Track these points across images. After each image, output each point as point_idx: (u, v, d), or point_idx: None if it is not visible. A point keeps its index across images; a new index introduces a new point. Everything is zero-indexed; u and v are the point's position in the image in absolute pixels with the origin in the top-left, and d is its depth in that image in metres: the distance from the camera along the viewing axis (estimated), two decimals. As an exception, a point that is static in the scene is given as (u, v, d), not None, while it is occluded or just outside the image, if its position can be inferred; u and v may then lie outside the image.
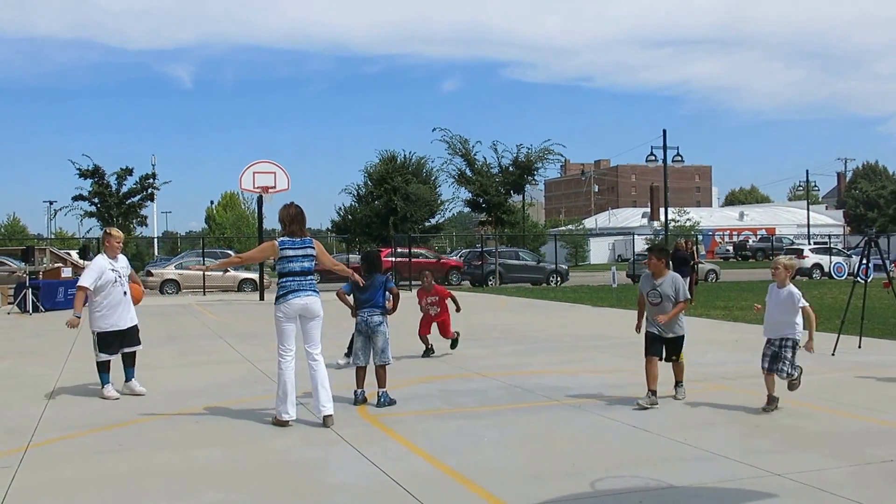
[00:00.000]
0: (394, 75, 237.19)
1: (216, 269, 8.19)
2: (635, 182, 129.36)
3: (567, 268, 38.77)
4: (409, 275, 30.70)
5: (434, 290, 11.15)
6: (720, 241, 72.13)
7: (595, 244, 75.09)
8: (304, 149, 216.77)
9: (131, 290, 8.84)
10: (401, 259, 32.30)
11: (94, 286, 8.33)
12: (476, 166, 34.48)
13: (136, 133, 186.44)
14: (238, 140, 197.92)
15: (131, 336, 8.74)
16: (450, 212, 46.66)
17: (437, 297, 11.14)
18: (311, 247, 7.19)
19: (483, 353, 11.59)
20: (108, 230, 8.75)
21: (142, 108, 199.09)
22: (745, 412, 7.20)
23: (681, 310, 7.59)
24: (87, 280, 8.28)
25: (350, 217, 45.95)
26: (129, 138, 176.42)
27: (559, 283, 34.48)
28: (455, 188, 35.82)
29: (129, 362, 8.72)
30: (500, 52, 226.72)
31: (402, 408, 7.69)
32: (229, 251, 49.10)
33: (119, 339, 8.59)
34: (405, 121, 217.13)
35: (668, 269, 7.71)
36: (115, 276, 8.49)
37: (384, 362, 7.92)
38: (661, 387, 7.56)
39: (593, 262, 70.45)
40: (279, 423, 6.95)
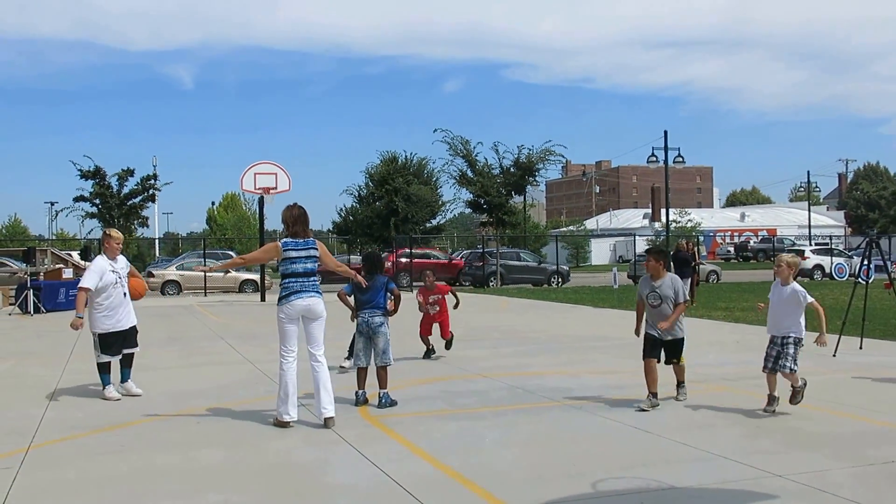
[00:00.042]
0: (395, 76, 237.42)
1: (220, 270, 8.19)
2: (636, 183, 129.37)
3: (568, 269, 38.77)
4: (411, 277, 30.71)
5: (436, 288, 11.16)
6: (721, 242, 72.16)
7: (596, 245, 75.11)
8: (306, 150, 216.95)
9: (133, 284, 8.88)
10: (416, 260, 32.27)
11: (96, 287, 8.35)
12: (477, 167, 34.50)
13: (138, 134, 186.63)
14: (239, 141, 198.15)
15: (131, 337, 8.76)
16: (451, 213, 46.85)
17: (439, 296, 11.13)
18: (314, 248, 7.18)
19: (484, 355, 11.59)
20: (108, 231, 8.76)
21: (143, 110, 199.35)
22: (746, 413, 7.19)
23: (681, 312, 7.58)
24: (89, 281, 8.29)
25: (351, 218, 46.05)
26: (131, 139, 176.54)
27: (560, 284, 34.49)
28: (456, 189, 35.94)
29: (126, 363, 8.74)
30: (501, 53, 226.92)
31: (404, 409, 7.69)
32: (231, 252, 49.12)
33: (120, 340, 8.60)
34: (406, 122, 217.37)
35: (666, 270, 7.69)
36: (115, 277, 8.50)
37: (385, 363, 7.92)
38: (662, 388, 7.56)
39: (594, 263, 70.45)
40: (280, 424, 6.95)
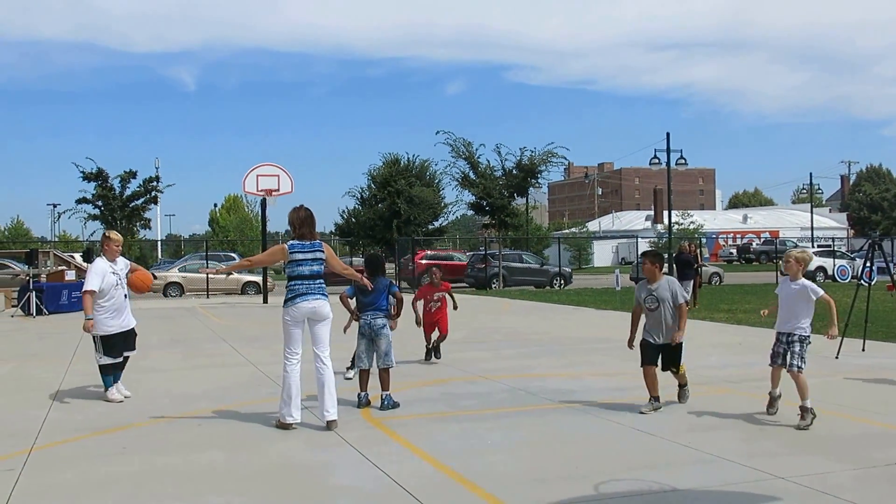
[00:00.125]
0: (397, 78, 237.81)
1: (227, 273, 8.18)
2: (639, 185, 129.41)
3: (570, 271, 38.74)
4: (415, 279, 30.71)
5: (442, 286, 11.11)
6: (724, 244, 72.04)
7: (598, 247, 75.06)
8: (308, 152, 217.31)
9: (139, 277, 8.95)
10: (434, 262, 32.34)
11: (98, 289, 8.36)
12: (479, 169, 34.49)
13: (140, 136, 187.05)
14: (242, 143, 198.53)
15: (131, 339, 8.76)
16: (453, 215, 46.75)
17: (443, 294, 11.09)
18: (320, 250, 7.15)
19: (486, 356, 11.58)
20: (108, 233, 8.77)
21: (145, 111, 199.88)
22: (748, 415, 7.18)
23: (685, 313, 7.53)
24: (92, 284, 8.30)
25: (353, 220, 46.03)
26: (133, 141, 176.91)
27: (563, 286, 34.46)
28: (458, 191, 35.94)
29: (121, 366, 8.72)
30: (503, 55, 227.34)
31: (406, 411, 7.69)
32: (233, 254, 49.13)
33: (121, 342, 8.60)
34: (409, 124, 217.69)
35: (662, 273, 7.60)
36: (116, 278, 8.52)
37: (387, 365, 7.92)
38: (664, 391, 7.55)
39: (597, 265, 70.40)
40: (283, 426, 6.95)
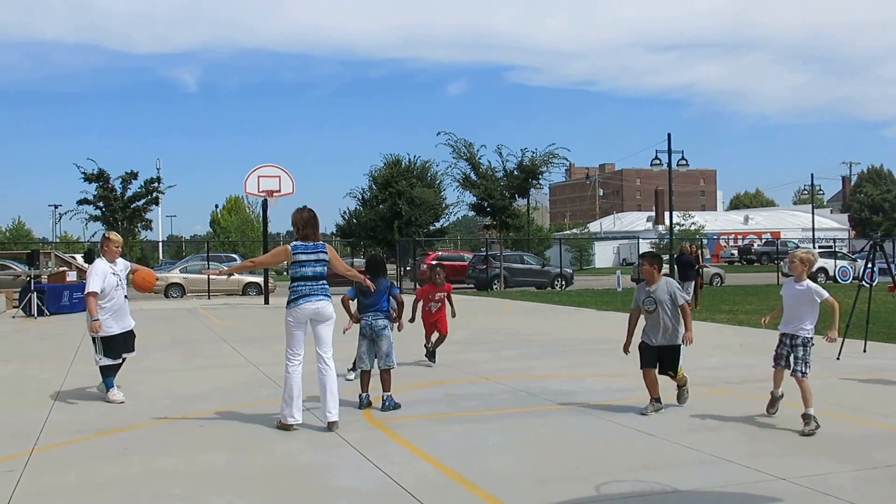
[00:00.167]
0: (399, 79, 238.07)
1: (232, 273, 8.18)
2: (640, 186, 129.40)
3: (572, 271, 38.73)
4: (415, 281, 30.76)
5: (444, 287, 11.08)
6: (725, 245, 72.07)
7: (600, 248, 75.08)
8: (310, 153, 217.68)
9: (143, 275, 8.99)
10: (444, 262, 32.39)
11: (100, 290, 8.37)
12: (481, 170, 34.48)
13: (141, 137, 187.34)
14: (243, 144, 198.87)
15: (130, 341, 8.76)
16: (454, 215, 46.81)
17: (444, 294, 11.07)
18: (323, 251, 7.15)
19: (488, 357, 11.58)
20: (107, 234, 8.78)
21: (147, 112, 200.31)
22: (749, 416, 7.17)
23: (688, 313, 7.53)
24: (95, 286, 8.30)
25: (355, 221, 46.12)
26: (134, 142, 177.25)
27: (564, 287, 34.46)
28: (460, 192, 35.90)
29: (118, 368, 8.70)
30: (504, 56, 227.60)
31: (407, 412, 7.69)
32: (234, 255, 49.16)
33: (122, 343, 8.61)
34: (410, 125, 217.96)
35: (661, 274, 7.54)
36: (116, 280, 8.52)
37: (388, 366, 7.92)
38: (664, 391, 7.54)
39: (598, 266, 70.40)
40: (284, 427, 6.95)
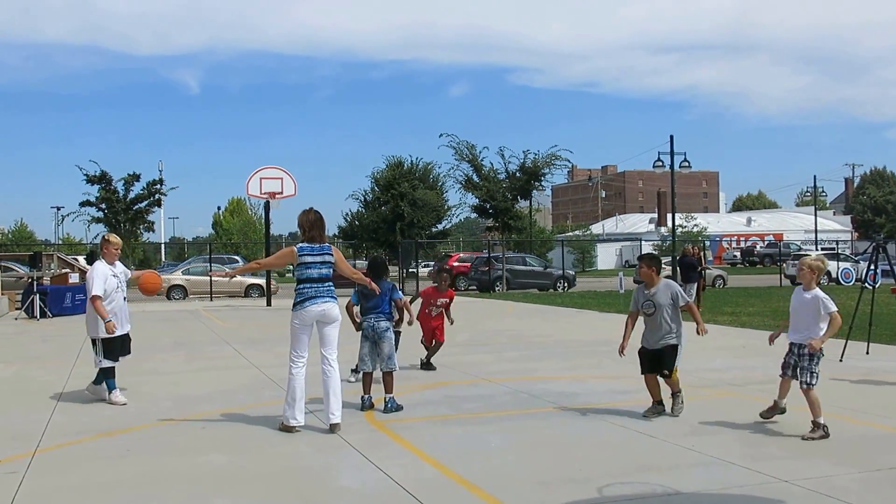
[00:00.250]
0: (401, 81, 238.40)
1: (232, 275, 8.18)
2: (642, 188, 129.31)
3: (574, 273, 38.78)
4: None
5: (446, 293, 11.06)
6: (728, 247, 72.03)
7: (602, 250, 75.02)
8: (312, 154, 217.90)
9: (149, 278, 9.03)
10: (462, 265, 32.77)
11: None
12: (483, 172, 34.46)
13: (144, 139, 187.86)
14: (245, 146, 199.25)
15: (127, 343, 8.76)
16: (457, 217, 46.74)
17: (447, 300, 11.05)
18: (329, 253, 7.14)
19: (490, 359, 11.57)
20: (107, 237, 8.78)
21: (149, 114, 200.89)
22: (752, 418, 7.15)
23: (695, 309, 7.51)
24: (98, 289, 8.31)
25: (357, 223, 46.03)
26: (137, 144, 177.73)
27: (566, 289, 34.45)
28: (462, 194, 35.79)
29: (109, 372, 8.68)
30: (506, 57, 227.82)
31: (409, 413, 7.69)
32: (236, 257, 49.20)
33: (120, 345, 8.61)
34: (412, 126, 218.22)
35: (659, 276, 7.41)
36: (116, 282, 8.54)
37: (391, 368, 7.91)
38: (666, 393, 7.52)
39: (600, 268, 70.33)
40: (286, 428, 6.95)
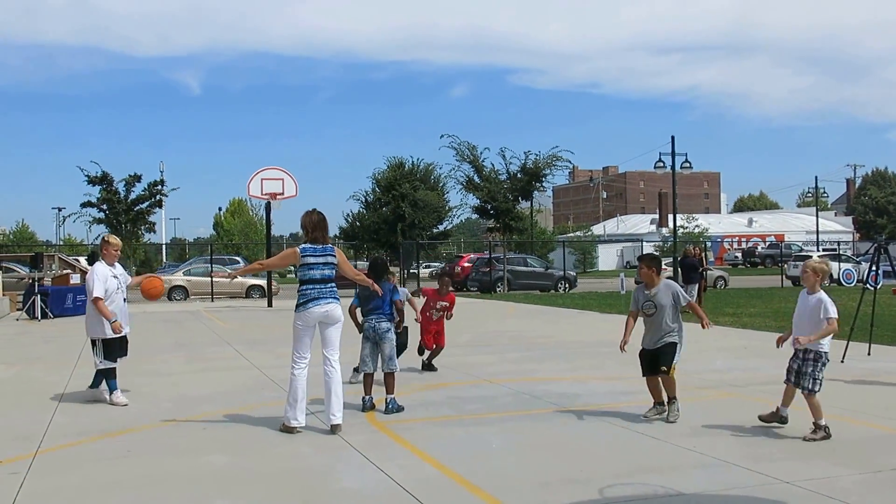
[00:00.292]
0: (402, 82, 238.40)
1: (234, 276, 8.19)
2: (644, 188, 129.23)
3: (575, 274, 38.76)
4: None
5: (446, 297, 11.04)
6: (729, 248, 71.99)
7: (603, 251, 75.02)
8: (313, 155, 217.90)
9: (153, 283, 9.06)
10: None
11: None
12: (484, 173, 34.49)
13: (145, 140, 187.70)
14: (246, 147, 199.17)
15: (125, 344, 8.76)
16: (458, 218, 46.84)
17: (447, 304, 11.03)
18: (332, 255, 7.13)
19: (491, 360, 11.57)
20: (107, 238, 8.79)
21: (150, 115, 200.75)
22: (753, 419, 7.14)
23: (697, 307, 7.52)
24: (99, 290, 8.32)
25: (358, 223, 46.09)
26: (138, 145, 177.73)
27: (567, 290, 34.44)
28: (463, 195, 35.85)
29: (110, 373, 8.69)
30: (507, 58, 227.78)
31: (411, 414, 7.69)
32: (237, 258, 49.22)
33: (119, 346, 8.61)
34: (413, 127, 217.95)
35: (659, 276, 7.38)
36: (116, 283, 8.55)
37: (392, 369, 7.91)
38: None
39: (602, 269, 70.33)
40: (287, 429, 6.95)
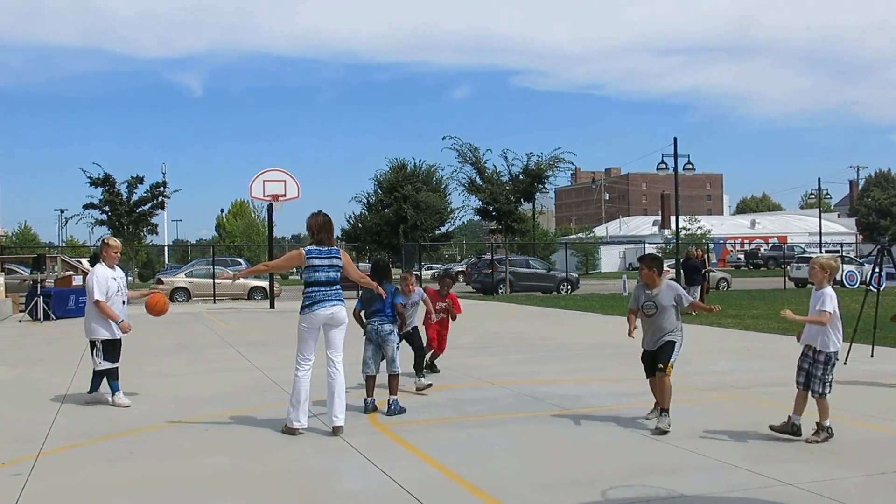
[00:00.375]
0: (404, 83, 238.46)
1: (235, 278, 8.18)
2: (646, 190, 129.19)
3: (577, 276, 38.71)
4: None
5: (448, 296, 11.02)
6: (731, 250, 71.90)
7: (606, 252, 74.97)
8: (315, 157, 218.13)
9: (157, 299, 9.09)
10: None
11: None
12: (486, 174, 34.43)
13: (147, 141, 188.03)
14: (248, 148, 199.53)
15: (119, 346, 8.76)
16: (460, 220, 46.92)
17: (446, 305, 11.01)
18: (337, 256, 7.13)
19: (493, 362, 11.57)
20: (107, 240, 8.79)
21: (152, 117, 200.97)
22: (755, 421, 7.14)
23: (699, 304, 7.57)
24: (100, 293, 8.34)
25: (360, 225, 46.15)
26: (140, 147, 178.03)
27: (570, 292, 34.40)
28: (465, 196, 35.80)
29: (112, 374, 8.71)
30: (509, 59, 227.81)
31: (413, 416, 7.69)
32: (239, 259, 49.27)
33: (117, 347, 8.62)
34: (415, 129, 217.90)
35: (661, 277, 7.28)
36: (116, 285, 8.56)
37: (394, 371, 7.92)
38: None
39: (604, 271, 70.29)
40: (289, 431, 6.95)
